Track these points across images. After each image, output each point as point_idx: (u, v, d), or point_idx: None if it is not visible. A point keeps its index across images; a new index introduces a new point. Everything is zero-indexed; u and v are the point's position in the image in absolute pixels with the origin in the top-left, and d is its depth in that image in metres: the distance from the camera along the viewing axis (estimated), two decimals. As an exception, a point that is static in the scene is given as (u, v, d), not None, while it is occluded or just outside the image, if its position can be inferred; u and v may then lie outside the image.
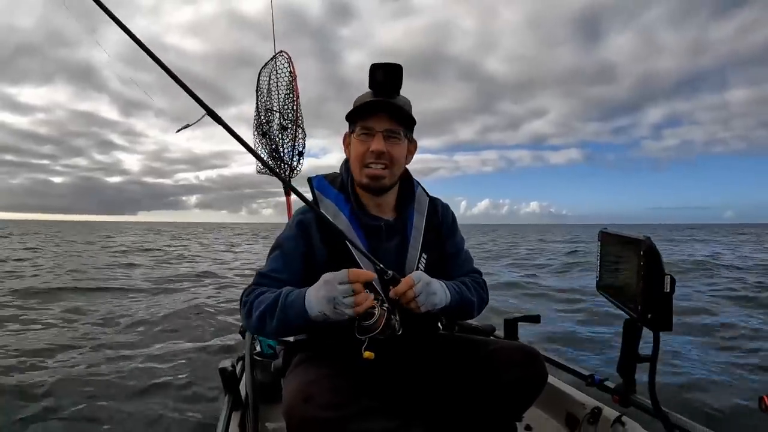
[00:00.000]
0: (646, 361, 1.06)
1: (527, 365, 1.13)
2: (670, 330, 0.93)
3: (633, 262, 0.98)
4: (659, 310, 0.93)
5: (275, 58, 2.50)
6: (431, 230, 1.31)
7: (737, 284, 8.86)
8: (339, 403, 0.96)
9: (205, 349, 4.53)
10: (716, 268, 11.80)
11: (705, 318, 5.75)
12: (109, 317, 5.87)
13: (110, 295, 7.75)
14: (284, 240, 1.23)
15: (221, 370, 1.55)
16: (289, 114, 2.41)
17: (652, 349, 1.00)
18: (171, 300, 7.38)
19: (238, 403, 1.53)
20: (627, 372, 1.15)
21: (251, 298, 1.13)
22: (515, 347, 1.20)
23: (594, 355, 4.09)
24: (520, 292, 8.29)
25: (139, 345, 4.65)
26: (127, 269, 12.20)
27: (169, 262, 14.36)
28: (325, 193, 1.26)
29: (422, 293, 1.07)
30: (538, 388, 1.15)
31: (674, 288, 0.91)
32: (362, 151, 1.20)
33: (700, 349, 4.29)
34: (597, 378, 1.39)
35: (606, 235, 1.17)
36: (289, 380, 1.13)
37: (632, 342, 1.09)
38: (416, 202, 1.33)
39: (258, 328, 1.12)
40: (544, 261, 15.07)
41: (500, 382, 1.12)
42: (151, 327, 5.42)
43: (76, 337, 4.84)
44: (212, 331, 5.23)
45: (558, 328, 5.20)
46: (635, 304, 0.97)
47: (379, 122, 1.19)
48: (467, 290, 1.25)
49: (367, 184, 1.21)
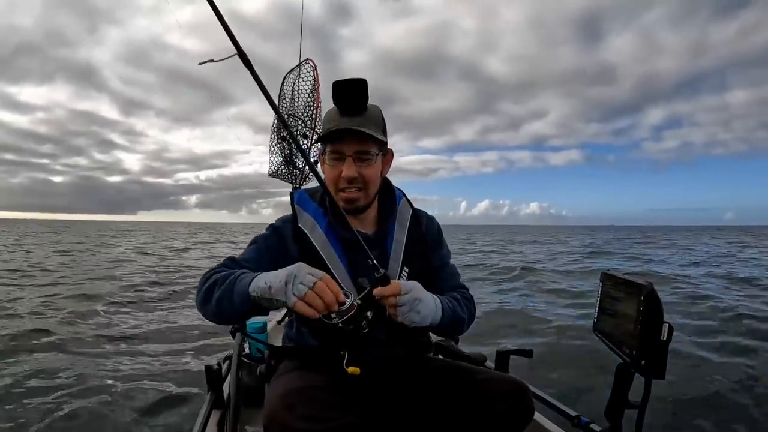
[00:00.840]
0: (635, 408, 1.05)
1: (515, 397, 1.12)
2: (662, 378, 0.93)
3: (632, 307, 0.97)
4: (654, 358, 0.92)
5: (300, 65, 2.54)
6: (414, 243, 1.30)
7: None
8: (321, 416, 0.94)
9: (194, 346, 4.52)
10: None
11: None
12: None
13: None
14: (261, 238, 1.26)
15: (207, 368, 1.54)
16: (308, 122, 2.44)
17: (642, 396, 1.00)
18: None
19: (219, 403, 1.52)
20: (614, 417, 1.13)
21: (209, 273, 1.13)
22: (505, 379, 1.19)
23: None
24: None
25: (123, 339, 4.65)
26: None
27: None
28: (304, 207, 1.26)
29: (405, 305, 1.04)
30: (524, 422, 1.14)
31: (671, 337, 0.91)
32: (334, 175, 1.20)
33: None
34: (583, 420, 1.38)
35: (607, 276, 1.17)
36: (273, 386, 1.13)
37: (623, 387, 1.08)
38: (398, 214, 1.32)
39: (203, 299, 1.09)
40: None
41: (487, 411, 1.11)
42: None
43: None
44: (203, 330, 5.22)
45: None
46: (630, 349, 0.97)
47: (349, 146, 1.18)
48: (459, 307, 1.25)
49: (343, 207, 1.20)
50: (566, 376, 3.69)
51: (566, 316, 6.13)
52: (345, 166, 1.18)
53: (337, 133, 1.17)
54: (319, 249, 1.20)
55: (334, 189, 1.21)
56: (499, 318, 6.13)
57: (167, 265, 13.18)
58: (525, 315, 6.32)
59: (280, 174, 2.58)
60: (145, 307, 6.60)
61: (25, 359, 3.81)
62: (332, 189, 1.21)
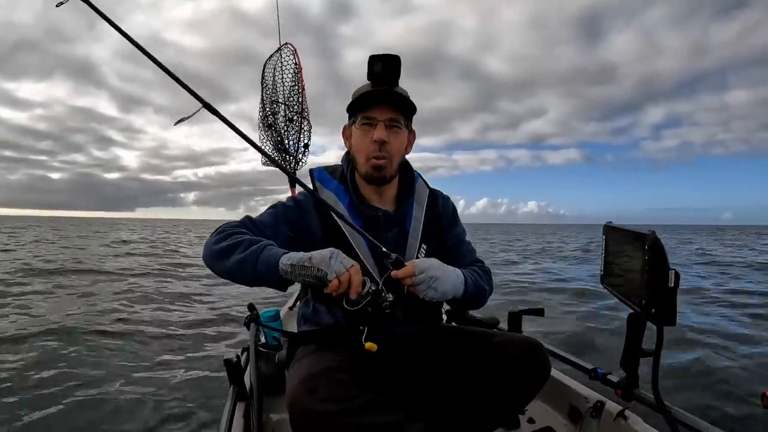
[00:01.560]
0: (649, 355, 1.06)
1: (531, 357, 1.14)
2: (673, 325, 0.93)
3: (637, 257, 0.97)
4: (663, 305, 0.92)
5: (280, 50, 2.49)
6: (431, 221, 1.32)
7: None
8: (342, 396, 0.96)
9: (210, 339, 4.58)
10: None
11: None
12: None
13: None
14: (281, 206, 1.26)
15: (226, 362, 1.56)
16: (294, 106, 2.41)
17: (656, 344, 1.00)
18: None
19: (242, 394, 1.54)
20: (630, 366, 1.15)
21: (231, 231, 1.12)
22: (519, 339, 1.20)
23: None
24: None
25: (140, 332, 4.70)
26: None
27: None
28: (325, 184, 1.28)
29: (422, 284, 1.09)
30: (542, 381, 1.15)
31: (679, 283, 0.91)
32: (365, 141, 1.21)
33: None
34: (600, 372, 1.39)
35: (610, 229, 1.16)
36: (292, 372, 1.14)
37: (636, 336, 1.09)
38: (416, 193, 1.34)
39: (219, 254, 1.08)
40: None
41: (504, 374, 1.12)
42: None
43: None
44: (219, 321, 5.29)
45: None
46: (639, 298, 0.97)
47: (382, 112, 1.20)
48: (481, 279, 1.28)
49: (370, 174, 1.23)
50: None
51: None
52: (377, 131, 1.19)
53: (372, 96, 1.19)
54: (342, 224, 1.21)
55: (363, 155, 1.22)
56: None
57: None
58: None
59: (272, 162, 2.56)
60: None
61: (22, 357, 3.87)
62: (361, 157, 1.23)
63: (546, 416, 1.62)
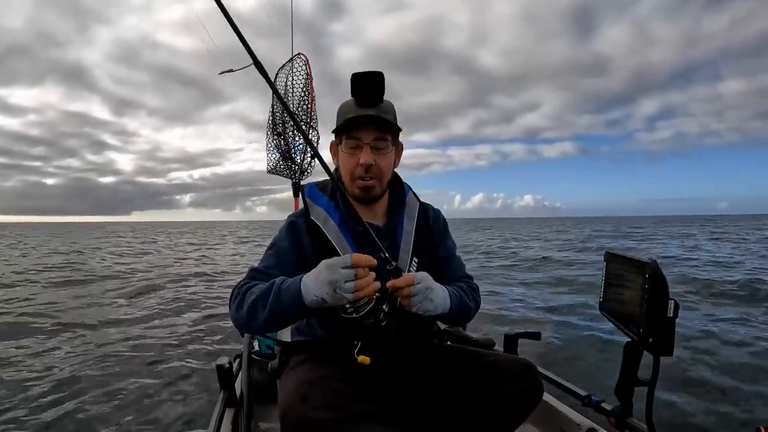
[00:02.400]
0: (644, 385, 1.06)
1: (524, 379, 1.13)
2: (670, 355, 0.93)
3: (637, 285, 0.97)
4: (661, 335, 0.93)
5: (292, 59, 2.52)
6: (422, 235, 1.32)
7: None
8: (336, 405, 0.95)
9: (204, 345, 4.55)
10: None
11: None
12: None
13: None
14: (277, 240, 1.26)
15: (218, 367, 1.55)
16: (303, 116, 2.43)
17: (652, 374, 1.00)
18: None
19: (232, 401, 1.53)
20: (624, 395, 1.14)
21: (243, 290, 1.13)
22: (513, 360, 1.20)
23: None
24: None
25: (134, 339, 4.68)
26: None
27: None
28: (315, 201, 1.27)
29: (419, 295, 1.07)
30: (534, 402, 1.15)
31: (677, 313, 0.91)
32: (351, 163, 1.22)
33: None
34: (594, 399, 1.39)
35: (611, 255, 1.17)
36: (285, 380, 1.14)
37: (632, 365, 1.08)
38: (406, 207, 1.34)
39: (247, 320, 1.09)
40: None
41: (496, 393, 1.12)
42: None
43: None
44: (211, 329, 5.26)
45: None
46: (637, 327, 0.97)
47: (366, 134, 1.20)
48: (465, 296, 1.27)
49: (359, 195, 1.24)
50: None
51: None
52: (363, 154, 1.19)
53: (356, 120, 1.19)
54: (332, 241, 1.21)
55: (350, 178, 1.23)
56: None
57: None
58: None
59: (278, 170, 2.58)
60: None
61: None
62: (348, 178, 1.24)
63: None
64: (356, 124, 1.20)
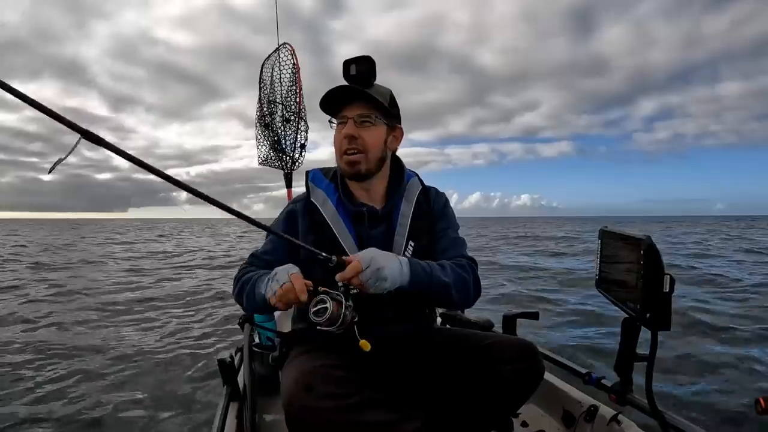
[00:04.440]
0: (643, 360, 1.06)
1: (524, 359, 1.13)
2: (668, 329, 0.93)
3: (633, 261, 0.97)
4: (658, 310, 0.93)
5: (278, 49, 2.49)
6: (420, 218, 1.31)
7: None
8: (339, 393, 0.96)
9: (205, 339, 4.56)
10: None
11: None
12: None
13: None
14: (274, 226, 1.31)
15: (220, 362, 1.55)
16: (291, 106, 2.40)
17: (650, 348, 1.01)
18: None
19: (236, 395, 1.54)
20: (624, 371, 1.15)
21: (240, 275, 1.26)
22: (513, 341, 1.20)
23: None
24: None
25: (138, 332, 4.68)
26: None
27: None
28: (317, 184, 1.32)
29: (371, 278, 1.02)
30: (535, 383, 1.15)
31: (673, 288, 0.91)
32: (338, 139, 1.26)
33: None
34: (594, 376, 1.40)
35: (606, 233, 1.17)
36: (288, 370, 1.14)
37: (630, 341, 1.09)
38: (406, 190, 1.33)
39: (239, 302, 1.24)
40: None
41: (497, 375, 1.12)
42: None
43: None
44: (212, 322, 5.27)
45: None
46: (634, 303, 0.97)
47: (352, 109, 1.24)
48: (440, 270, 1.17)
49: (345, 170, 1.26)
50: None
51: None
52: (346, 127, 1.23)
53: (337, 95, 1.22)
54: (329, 221, 1.24)
55: (338, 153, 1.26)
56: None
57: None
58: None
59: (269, 162, 2.56)
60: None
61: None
62: (337, 155, 1.27)
63: (539, 420, 1.62)
64: (341, 101, 1.24)
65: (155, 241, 25.77)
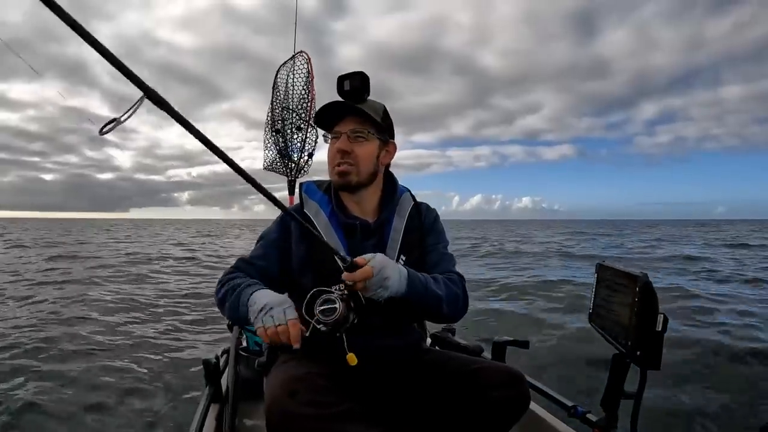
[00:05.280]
0: (630, 397, 1.06)
1: (511, 386, 1.13)
2: (657, 369, 0.94)
3: (627, 298, 0.98)
4: (649, 348, 0.93)
5: (294, 57, 2.52)
6: (412, 232, 1.32)
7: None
8: (322, 401, 0.96)
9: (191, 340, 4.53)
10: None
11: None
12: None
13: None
14: (267, 233, 1.34)
15: (205, 362, 1.54)
16: (302, 114, 2.42)
17: (638, 386, 1.01)
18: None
19: (217, 396, 1.52)
20: (610, 406, 1.14)
21: (225, 278, 1.23)
22: (500, 368, 1.19)
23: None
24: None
25: (121, 333, 4.64)
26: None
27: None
28: (310, 195, 1.33)
29: (375, 285, 1.04)
30: (520, 411, 1.15)
31: (666, 327, 0.92)
32: (331, 152, 1.28)
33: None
34: (579, 410, 1.39)
35: (603, 267, 1.17)
36: (273, 376, 1.14)
37: (619, 377, 1.09)
38: (398, 205, 1.35)
39: (220, 304, 1.21)
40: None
41: (483, 400, 1.11)
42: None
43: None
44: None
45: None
46: (626, 339, 0.98)
47: (345, 124, 1.26)
48: (433, 283, 1.19)
49: (336, 181, 1.28)
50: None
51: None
52: (339, 142, 1.26)
53: (329, 111, 1.26)
54: (322, 232, 1.24)
55: (330, 166, 1.29)
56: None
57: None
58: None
59: (275, 167, 2.57)
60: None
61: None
62: (329, 167, 1.29)
63: None
64: (334, 117, 1.28)
65: (211, 243, 25.16)
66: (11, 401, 2.88)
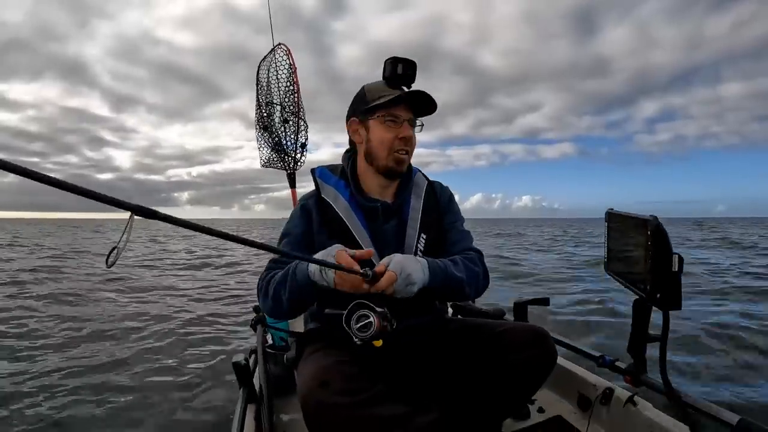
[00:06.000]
0: (656, 340, 1.06)
1: (537, 345, 1.14)
2: (679, 308, 0.93)
3: (640, 242, 0.97)
4: (668, 290, 0.92)
5: (274, 50, 2.48)
6: (429, 211, 1.34)
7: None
8: (355, 388, 0.97)
9: (218, 342, 4.59)
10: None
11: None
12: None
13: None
14: (290, 228, 1.31)
15: (234, 365, 1.56)
16: (290, 106, 2.40)
17: (662, 328, 1.00)
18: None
19: (252, 397, 1.55)
20: (637, 352, 1.15)
21: (265, 281, 1.21)
22: (524, 328, 1.19)
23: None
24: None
25: (149, 338, 4.72)
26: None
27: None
28: (326, 181, 1.33)
29: (402, 285, 1.04)
30: (548, 368, 1.15)
31: (682, 267, 0.91)
32: (389, 136, 1.26)
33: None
34: (607, 359, 1.39)
35: (613, 215, 1.16)
36: (303, 368, 1.15)
37: (642, 322, 1.09)
38: (414, 185, 1.37)
39: (274, 306, 1.18)
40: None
41: (510, 362, 1.13)
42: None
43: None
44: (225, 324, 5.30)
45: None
46: (644, 284, 0.97)
47: (406, 111, 1.27)
48: (453, 267, 1.20)
49: (391, 167, 1.28)
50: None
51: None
52: (403, 129, 1.26)
53: (404, 97, 1.24)
54: (343, 216, 1.26)
55: (388, 150, 1.27)
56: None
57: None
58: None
59: (272, 163, 2.57)
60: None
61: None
62: (384, 152, 1.27)
63: (555, 405, 1.62)
64: (400, 100, 1.25)
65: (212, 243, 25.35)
66: (56, 399, 2.96)
